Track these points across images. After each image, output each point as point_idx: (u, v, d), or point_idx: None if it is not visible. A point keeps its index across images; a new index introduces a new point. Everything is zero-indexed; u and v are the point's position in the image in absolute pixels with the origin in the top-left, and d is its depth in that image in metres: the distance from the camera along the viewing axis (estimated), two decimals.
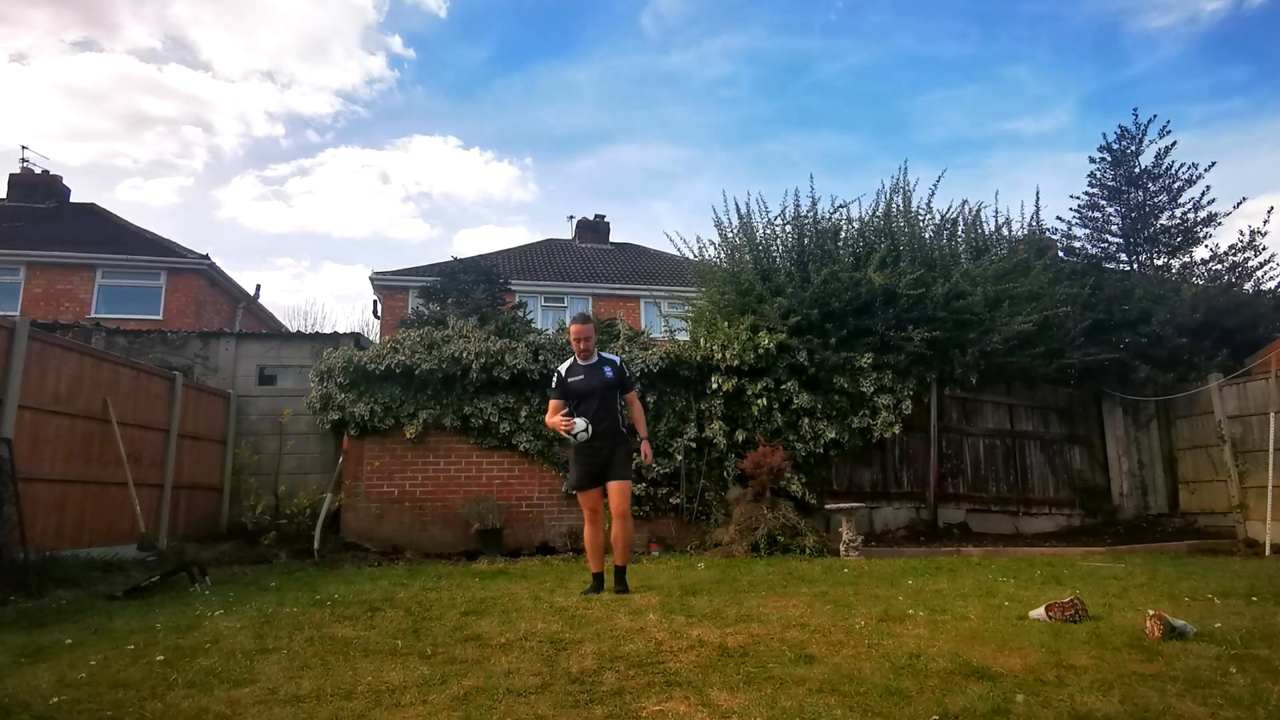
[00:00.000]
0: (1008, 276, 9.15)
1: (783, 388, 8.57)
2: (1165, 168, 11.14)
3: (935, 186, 10.03)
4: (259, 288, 19.64)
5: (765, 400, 8.49)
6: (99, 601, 4.79)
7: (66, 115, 52.19)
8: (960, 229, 10.13)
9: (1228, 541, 8.28)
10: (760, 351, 8.43)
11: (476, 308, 11.60)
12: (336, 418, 8.42)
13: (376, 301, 18.82)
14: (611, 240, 23.84)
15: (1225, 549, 7.96)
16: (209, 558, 7.08)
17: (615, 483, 4.77)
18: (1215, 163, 11.48)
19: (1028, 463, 9.95)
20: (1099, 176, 11.59)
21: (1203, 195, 10.86)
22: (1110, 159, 11.53)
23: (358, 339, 10.60)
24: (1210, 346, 9.63)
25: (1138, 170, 11.31)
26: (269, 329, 18.46)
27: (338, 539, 8.21)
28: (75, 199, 19.81)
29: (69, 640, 3.48)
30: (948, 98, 62.25)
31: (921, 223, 9.63)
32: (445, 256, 20.35)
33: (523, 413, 8.49)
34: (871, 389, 8.61)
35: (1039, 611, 3.70)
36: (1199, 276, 10.83)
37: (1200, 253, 11.07)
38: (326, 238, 60.29)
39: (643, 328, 12.81)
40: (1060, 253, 11.13)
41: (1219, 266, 10.81)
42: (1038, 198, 17.07)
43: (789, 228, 9.55)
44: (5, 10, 45.80)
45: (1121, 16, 51.63)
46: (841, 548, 7.43)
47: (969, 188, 73.55)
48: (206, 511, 8.71)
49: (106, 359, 7.15)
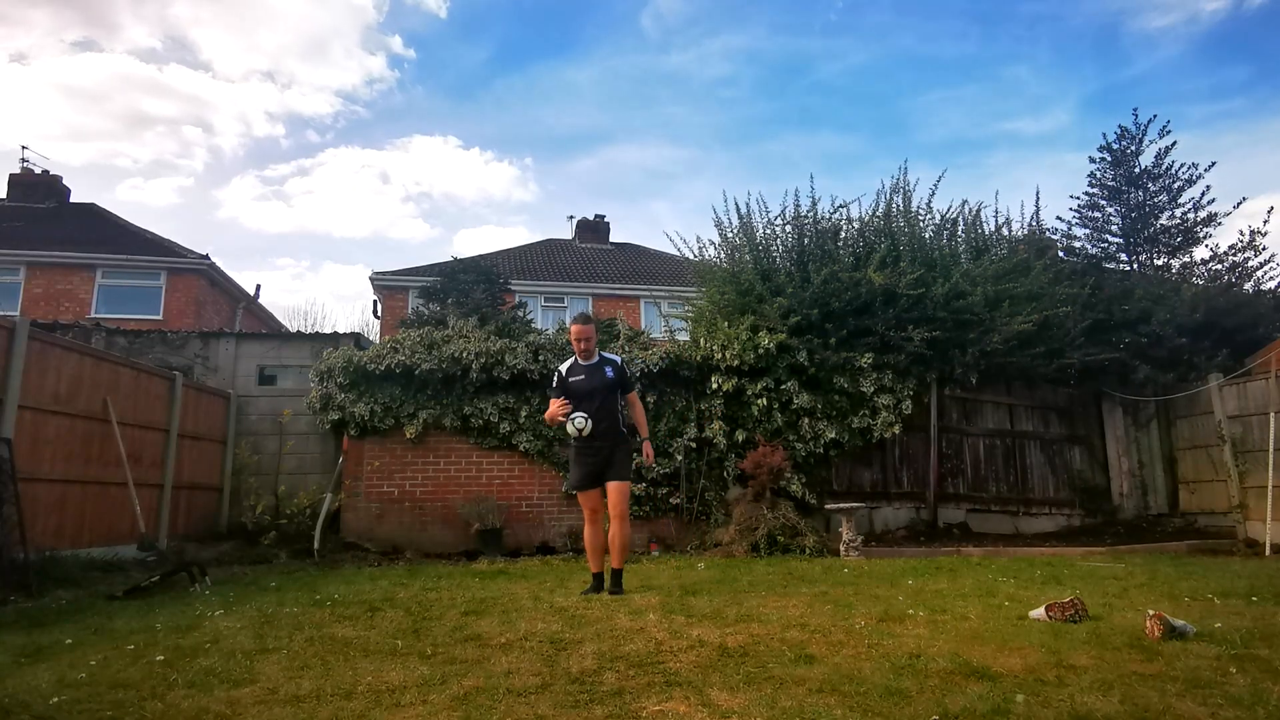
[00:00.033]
0: (1008, 276, 9.15)
1: (783, 388, 8.57)
2: (1165, 168, 11.15)
3: (935, 186, 10.10)
4: (259, 288, 19.68)
5: (765, 400, 8.49)
6: (99, 601, 4.79)
7: (66, 115, 52.30)
8: (960, 229, 10.14)
9: (1228, 541, 8.28)
10: (760, 351, 8.43)
11: (476, 308, 11.61)
12: (336, 418, 8.42)
13: (376, 301, 18.83)
14: (611, 240, 23.84)
15: (1225, 549, 7.96)
16: (209, 558, 7.08)
17: (614, 483, 4.76)
18: (1215, 163, 11.51)
19: (1028, 463, 9.95)
20: (1099, 176, 11.60)
21: (1203, 195, 10.89)
22: (1110, 159, 11.53)
23: (358, 339, 10.61)
24: (1210, 346, 9.63)
25: (1138, 170, 11.32)
26: (269, 329, 18.46)
27: (338, 539, 8.21)
28: (75, 199, 19.83)
29: (69, 640, 3.48)
30: (948, 98, 62.34)
31: (921, 223, 9.64)
32: (445, 256, 20.38)
33: (523, 413, 8.50)
34: (871, 389, 8.61)
35: (1039, 611, 3.70)
36: (1199, 276, 10.84)
37: (1200, 253, 11.11)
38: (326, 238, 60.39)
39: (643, 328, 12.82)
40: (1060, 253, 11.12)
41: (1219, 266, 10.83)
42: (1038, 198, 17.10)
43: (789, 228, 9.55)
44: (5, 10, 45.84)
45: (1121, 16, 51.69)
46: (841, 548, 7.43)
47: (969, 188, 73.68)
48: (206, 511, 8.71)
49: (106, 359, 7.15)
